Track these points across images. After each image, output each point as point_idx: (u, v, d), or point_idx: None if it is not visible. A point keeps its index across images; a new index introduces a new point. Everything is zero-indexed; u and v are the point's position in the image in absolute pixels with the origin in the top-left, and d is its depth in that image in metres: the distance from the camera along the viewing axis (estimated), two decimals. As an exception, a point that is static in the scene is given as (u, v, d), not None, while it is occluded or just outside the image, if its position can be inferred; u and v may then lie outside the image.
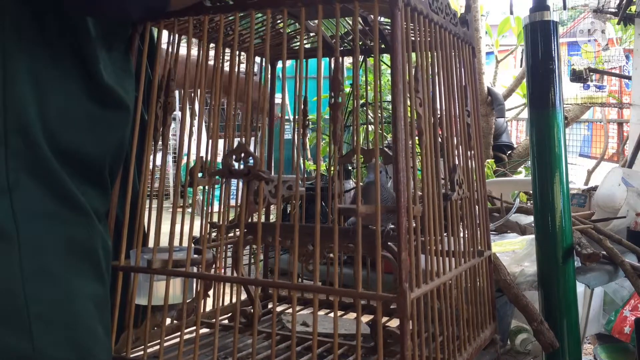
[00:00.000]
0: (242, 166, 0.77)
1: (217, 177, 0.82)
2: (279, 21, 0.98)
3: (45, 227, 0.68)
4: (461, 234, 0.91)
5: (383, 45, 1.06)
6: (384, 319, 1.02)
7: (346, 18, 0.97)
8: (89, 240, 0.72)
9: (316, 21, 1.05)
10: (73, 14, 0.72)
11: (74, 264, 0.70)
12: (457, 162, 0.89)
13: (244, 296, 1.21)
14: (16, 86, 0.66)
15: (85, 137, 0.73)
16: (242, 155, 0.77)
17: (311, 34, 1.06)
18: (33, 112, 0.67)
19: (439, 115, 0.85)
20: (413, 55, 0.81)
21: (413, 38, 0.81)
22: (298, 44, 1.15)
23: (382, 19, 0.99)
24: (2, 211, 0.64)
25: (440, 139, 0.86)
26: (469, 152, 0.95)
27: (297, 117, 1.08)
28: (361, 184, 0.74)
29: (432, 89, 0.84)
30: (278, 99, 1.10)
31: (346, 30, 1.08)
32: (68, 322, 0.68)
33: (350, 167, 1.57)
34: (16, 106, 0.66)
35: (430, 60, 0.84)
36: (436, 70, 0.86)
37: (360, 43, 1.12)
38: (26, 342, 0.64)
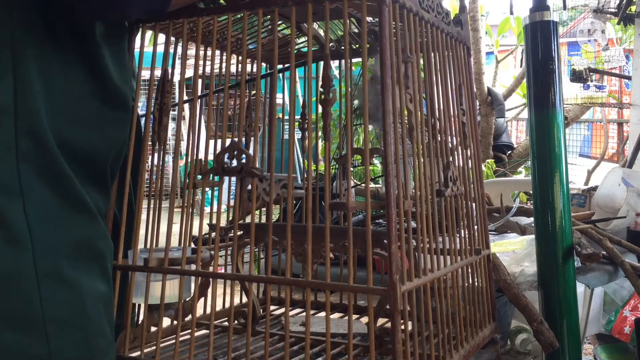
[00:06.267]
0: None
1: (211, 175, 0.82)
2: (279, 23, 0.98)
3: (56, 229, 0.68)
4: (458, 232, 0.91)
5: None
6: (383, 320, 1.02)
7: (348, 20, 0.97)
8: (95, 240, 0.73)
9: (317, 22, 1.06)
10: (74, 17, 0.72)
11: (84, 265, 0.71)
12: (450, 159, 0.89)
13: (244, 297, 1.21)
14: (27, 89, 0.66)
15: (93, 137, 0.74)
16: (235, 152, 0.77)
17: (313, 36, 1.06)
18: (43, 113, 0.68)
19: (431, 113, 0.86)
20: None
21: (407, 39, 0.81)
22: (299, 47, 1.15)
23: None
24: (15, 214, 0.65)
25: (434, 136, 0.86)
26: (464, 150, 0.95)
27: (287, 117, 1.08)
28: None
29: (425, 87, 0.85)
30: (279, 99, 1.10)
31: (352, 32, 1.08)
32: (81, 323, 0.69)
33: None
34: (27, 109, 0.66)
35: (422, 58, 0.84)
36: (428, 68, 0.86)
37: (357, 46, 1.12)
38: (42, 345, 0.65)
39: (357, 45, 1.11)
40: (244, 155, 0.78)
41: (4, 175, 0.65)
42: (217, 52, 0.94)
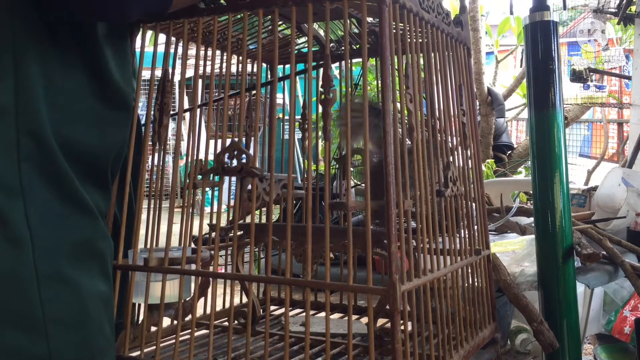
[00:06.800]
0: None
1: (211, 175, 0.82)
2: (280, 23, 0.98)
3: (57, 229, 0.68)
4: (458, 232, 0.91)
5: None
6: (383, 320, 1.02)
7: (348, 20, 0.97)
8: (95, 240, 0.73)
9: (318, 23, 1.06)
10: (75, 17, 0.72)
11: (84, 265, 0.71)
12: (450, 159, 0.89)
13: (244, 297, 1.21)
14: (28, 89, 0.67)
15: (94, 137, 0.74)
16: (235, 152, 0.77)
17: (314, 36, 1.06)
18: (45, 113, 0.68)
19: (430, 114, 0.86)
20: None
21: (407, 39, 0.81)
22: (299, 47, 1.15)
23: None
24: (16, 214, 0.65)
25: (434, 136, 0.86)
26: (465, 151, 0.95)
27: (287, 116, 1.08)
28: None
29: (425, 88, 0.85)
30: (279, 99, 1.10)
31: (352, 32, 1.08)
32: (81, 323, 0.69)
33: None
34: (28, 109, 0.67)
35: (422, 58, 0.84)
36: (428, 69, 0.86)
37: (357, 46, 1.12)
38: (42, 344, 0.65)
39: (358, 46, 1.11)
40: (243, 155, 0.78)
41: (5, 175, 0.65)
42: (218, 52, 0.94)
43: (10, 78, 0.66)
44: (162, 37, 0.89)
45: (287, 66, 1.23)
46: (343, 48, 1.12)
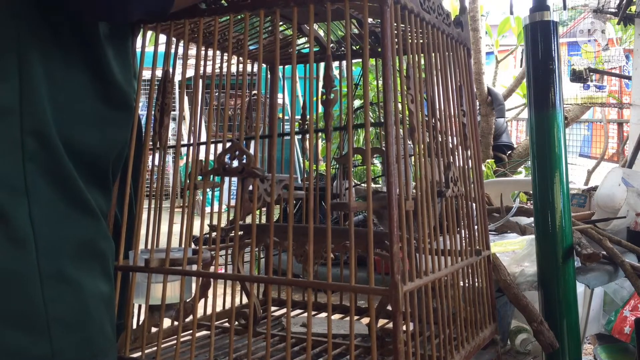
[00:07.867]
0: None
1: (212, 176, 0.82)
2: (281, 23, 0.98)
3: (60, 229, 0.68)
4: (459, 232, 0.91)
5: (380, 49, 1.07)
6: (385, 320, 1.02)
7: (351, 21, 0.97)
8: (97, 240, 0.73)
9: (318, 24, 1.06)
10: (77, 18, 0.72)
11: (86, 265, 0.71)
12: (451, 160, 0.89)
13: (244, 298, 1.21)
14: (33, 89, 0.67)
15: (95, 137, 0.74)
16: (237, 153, 0.77)
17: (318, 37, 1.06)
18: (49, 114, 0.68)
19: (431, 114, 0.86)
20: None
21: (409, 40, 0.81)
22: (300, 48, 1.15)
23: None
24: (20, 214, 0.65)
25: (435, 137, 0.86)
26: (465, 151, 0.95)
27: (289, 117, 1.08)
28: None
29: (426, 88, 0.85)
30: (279, 99, 1.11)
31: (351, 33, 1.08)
32: (83, 323, 0.69)
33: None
34: (32, 109, 0.67)
35: (422, 58, 0.84)
36: (429, 69, 0.86)
37: (357, 47, 1.12)
38: (44, 344, 0.65)
39: (358, 47, 1.11)
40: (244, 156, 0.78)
41: (10, 175, 0.65)
42: (218, 53, 0.94)
43: (14, 78, 0.66)
44: (162, 37, 0.89)
45: (288, 66, 1.23)
46: (344, 48, 1.12)
